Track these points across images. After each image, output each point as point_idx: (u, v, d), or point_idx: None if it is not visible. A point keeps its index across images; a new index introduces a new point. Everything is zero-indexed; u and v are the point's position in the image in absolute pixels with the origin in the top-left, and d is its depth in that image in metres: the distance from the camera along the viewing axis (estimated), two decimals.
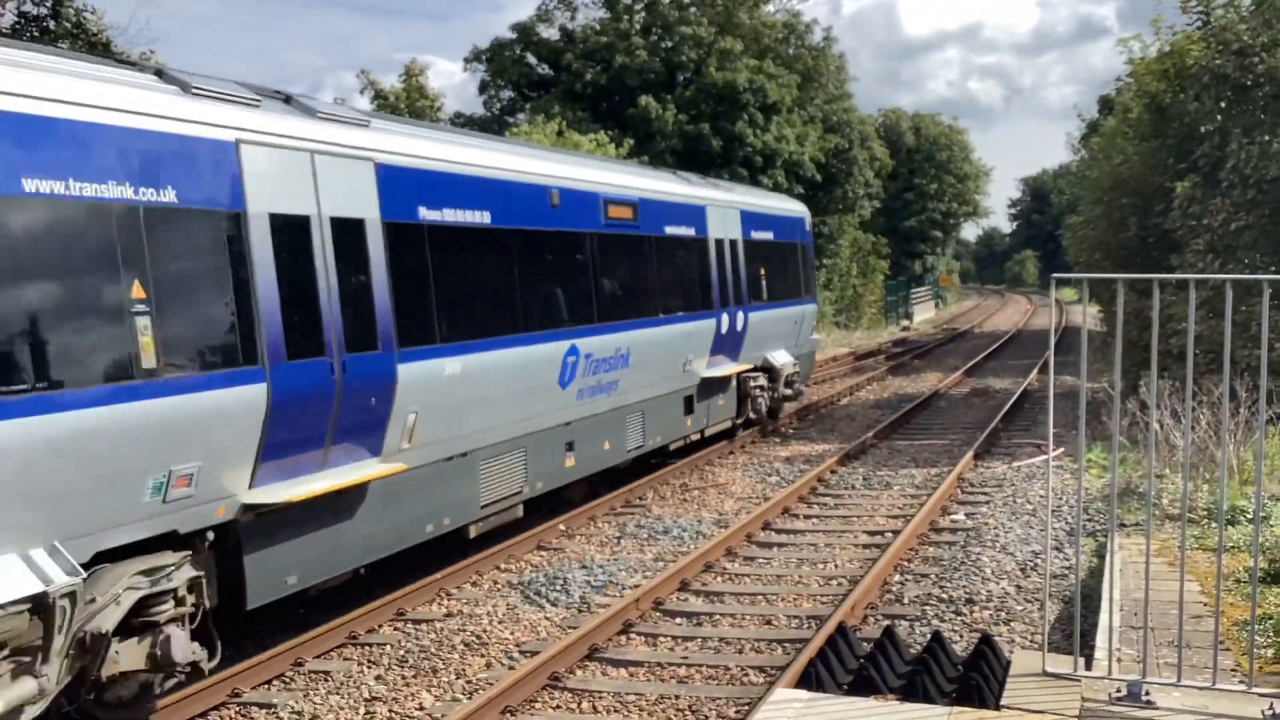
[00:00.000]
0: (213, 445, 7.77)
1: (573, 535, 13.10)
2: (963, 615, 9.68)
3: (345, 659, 9.15)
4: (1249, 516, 11.23)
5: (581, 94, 40.12)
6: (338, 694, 8.37)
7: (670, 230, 15.92)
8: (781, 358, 19.96)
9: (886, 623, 9.18)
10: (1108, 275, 7.74)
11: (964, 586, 10.44)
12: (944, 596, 10.19)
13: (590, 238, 13.59)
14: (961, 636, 9.09)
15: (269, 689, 8.53)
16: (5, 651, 6.31)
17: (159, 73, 8.38)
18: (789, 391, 20.47)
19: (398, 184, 9.94)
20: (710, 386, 17.10)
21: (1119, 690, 6.60)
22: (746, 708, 7.63)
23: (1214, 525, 11.02)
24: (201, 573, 7.77)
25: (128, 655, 7.19)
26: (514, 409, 11.70)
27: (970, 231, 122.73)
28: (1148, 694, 6.53)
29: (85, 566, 6.76)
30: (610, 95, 40.31)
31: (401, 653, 9.22)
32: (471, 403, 10.88)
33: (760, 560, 11.88)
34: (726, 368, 17.57)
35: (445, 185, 10.68)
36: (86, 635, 6.81)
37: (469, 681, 8.56)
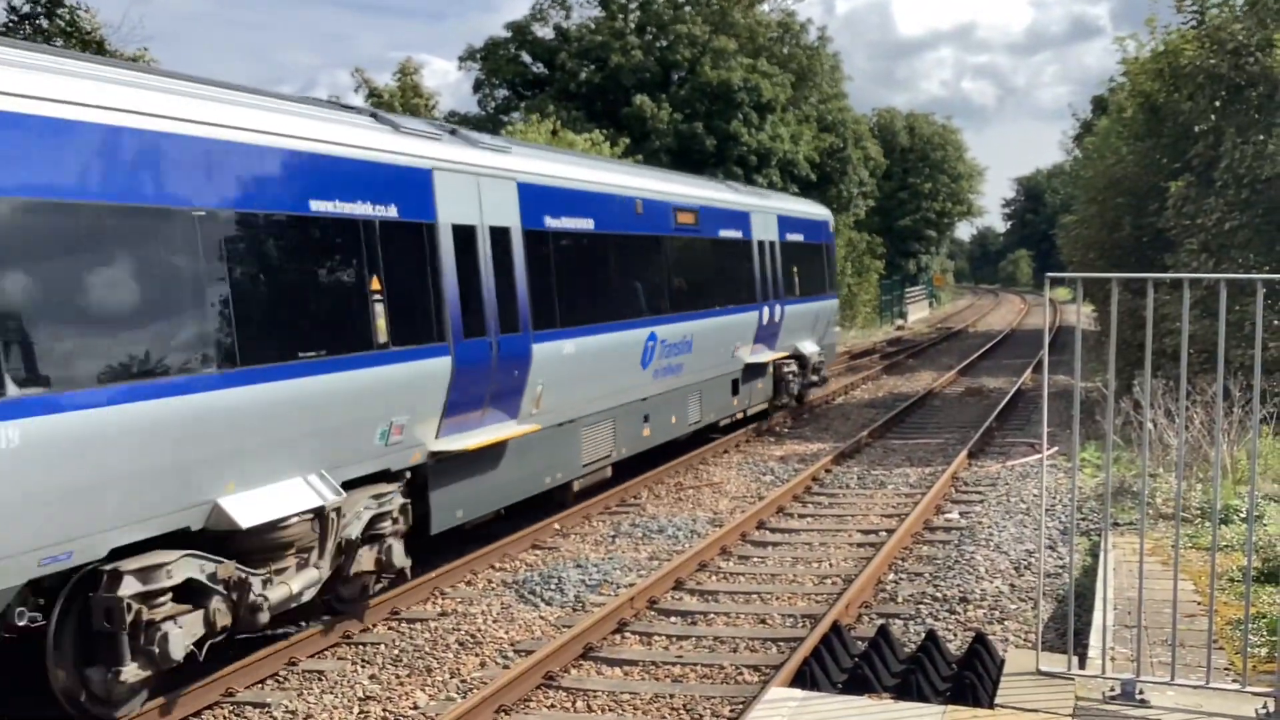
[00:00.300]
0: (416, 403, 10.09)
1: (567, 534, 13.09)
2: (957, 614, 9.69)
3: (339, 658, 9.14)
4: (1242, 516, 11.26)
5: (576, 93, 40.13)
6: (332, 693, 8.35)
7: (723, 233, 18.22)
8: (810, 347, 22.29)
9: (881, 621, 9.18)
10: (1102, 275, 7.75)
11: (958, 585, 10.45)
12: (938, 595, 10.20)
13: (665, 240, 16.03)
14: (956, 635, 9.10)
15: (263, 688, 8.51)
16: (294, 549, 8.53)
17: (374, 115, 10.79)
18: (815, 378, 22.79)
19: (531, 198, 12.29)
20: (752, 371, 19.34)
21: (1113, 689, 6.61)
22: (741, 706, 7.63)
23: (1208, 524, 11.04)
24: (408, 500, 10.09)
25: (365, 558, 9.49)
26: (608, 385, 14.00)
27: (964, 231, 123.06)
28: (1141, 693, 6.53)
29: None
30: (605, 94, 40.30)
31: (396, 652, 9.21)
32: (579, 378, 13.14)
33: (755, 559, 11.89)
34: (766, 355, 19.84)
35: (563, 198, 13.06)
36: (342, 541, 9.09)
37: (463, 681, 8.55)
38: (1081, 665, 7.09)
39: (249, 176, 8.37)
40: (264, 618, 8.17)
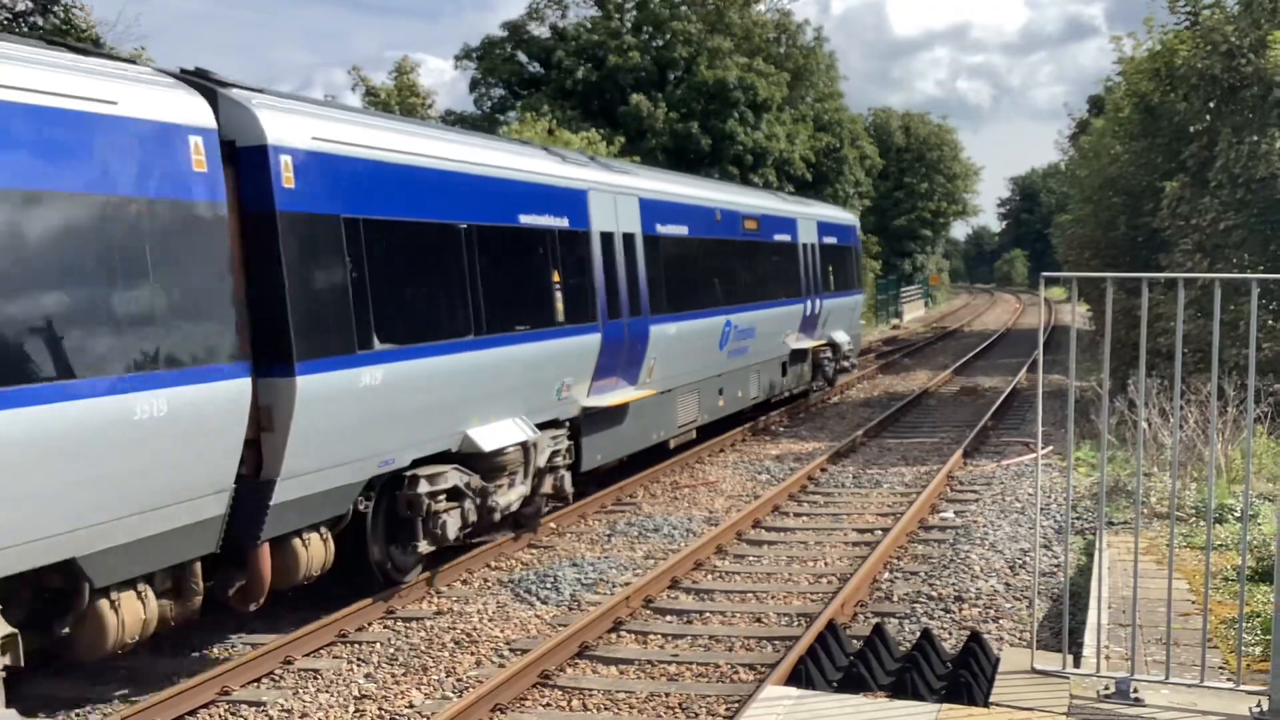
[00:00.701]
0: (578, 368, 13.14)
1: (563, 533, 13.09)
2: (952, 613, 9.70)
3: (335, 657, 9.14)
4: (1237, 515, 11.28)
5: (572, 92, 40.07)
6: (327, 692, 8.35)
7: (776, 237, 21.28)
8: (842, 336, 25.31)
9: (876, 620, 9.20)
10: (1096, 274, 7.77)
11: (953, 584, 10.47)
12: (933, 594, 10.21)
13: (736, 243, 19.17)
14: (951, 634, 9.11)
15: (258, 687, 8.50)
16: (508, 470, 11.43)
17: (545, 149, 14.41)
18: (846, 364, 25.73)
19: (648, 209, 15.41)
20: (796, 356, 22.44)
21: (1107, 687, 6.63)
22: (736, 705, 7.63)
23: (1202, 524, 11.07)
24: (571, 442, 13.04)
25: (547, 483, 12.40)
26: (697, 361, 17.03)
27: (960, 230, 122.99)
28: (1136, 691, 6.55)
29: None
30: (601, 93, 40.27)
31: (391, 651, 9.21)
32: (678, 355, 16.14)
33: (750, 558, 11.90)
34: (807, 342, 22.89)
35: (668, 209, 16.18)
36: (534, 468, 11.92)
37: (459, 679, 8.55)
38: (1076, 664, 7.10)
39: (488, 200, 11.46)
40: (495, 517, 11.25)
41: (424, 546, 10.28)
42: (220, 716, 8.02)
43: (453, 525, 10.48)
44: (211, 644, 9.48)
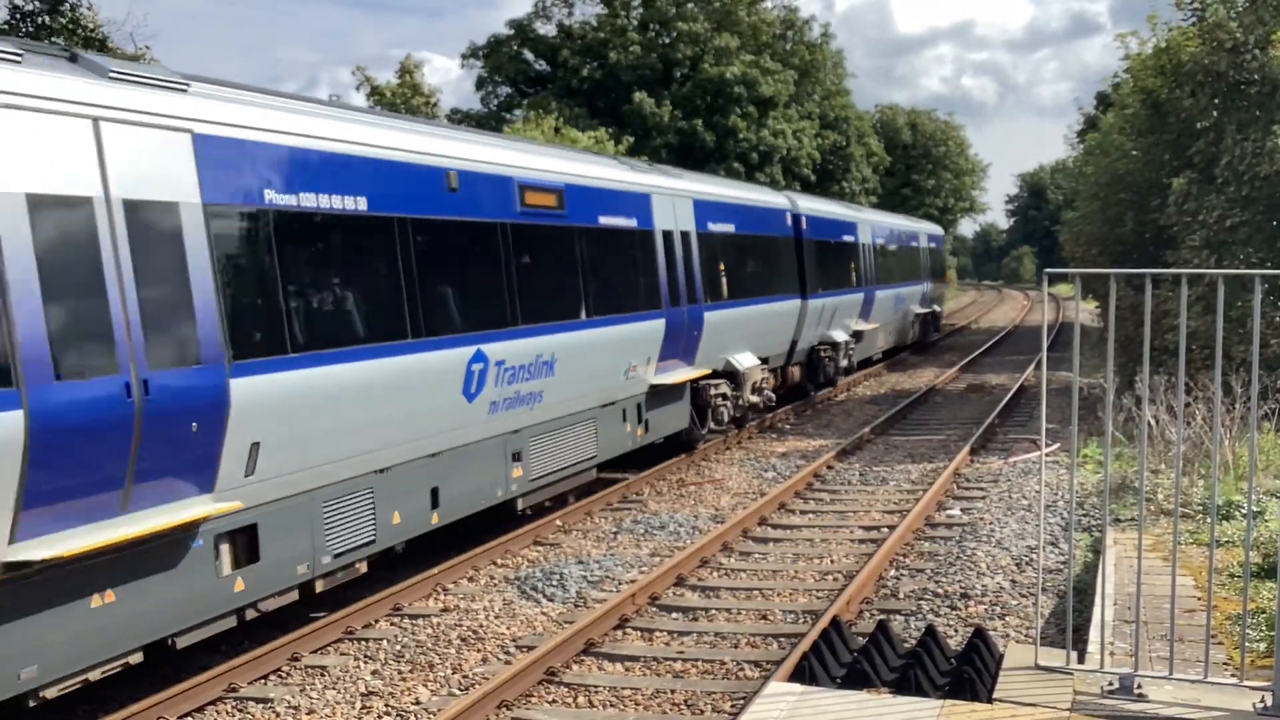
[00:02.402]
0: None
1: (569, 530, 13.12)
2: (957, 610, 9.71)
3: (342, 654, 9.17)
4: (1242, 511, 11.26)
5: (578, 90, 40.12)
6: (334, 689, 8.39)
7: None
8: (922, 308, 35.96)
9: (881, 617, 9.21)
10: (1101, 270, 7.77)
11: (959, 581, 10.47)
12: (939, 591, 10.22)
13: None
14: (956, 631, 9.12)
15: (265, 684, 8.54)
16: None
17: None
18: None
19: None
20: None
21: (1111, 683, 6.63)
22: (741, 702, 7.66)
23: (1207, 520, 11.05)
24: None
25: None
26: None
27: (967, 228, 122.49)
28: (1140, 687, 6.56)
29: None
30: (607, 91, 40.31)
31: (398, 648, 9.24)
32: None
33: (756, 555, 11.91)
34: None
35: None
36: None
37: (465, 676, 8.58)
38: (1080, 660, 7.11)
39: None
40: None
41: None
42: (227, 713, 8.06)
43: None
44: (218, 641, 9.51)
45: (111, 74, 7.60)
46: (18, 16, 20.98)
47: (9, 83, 6.71)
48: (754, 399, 18.97)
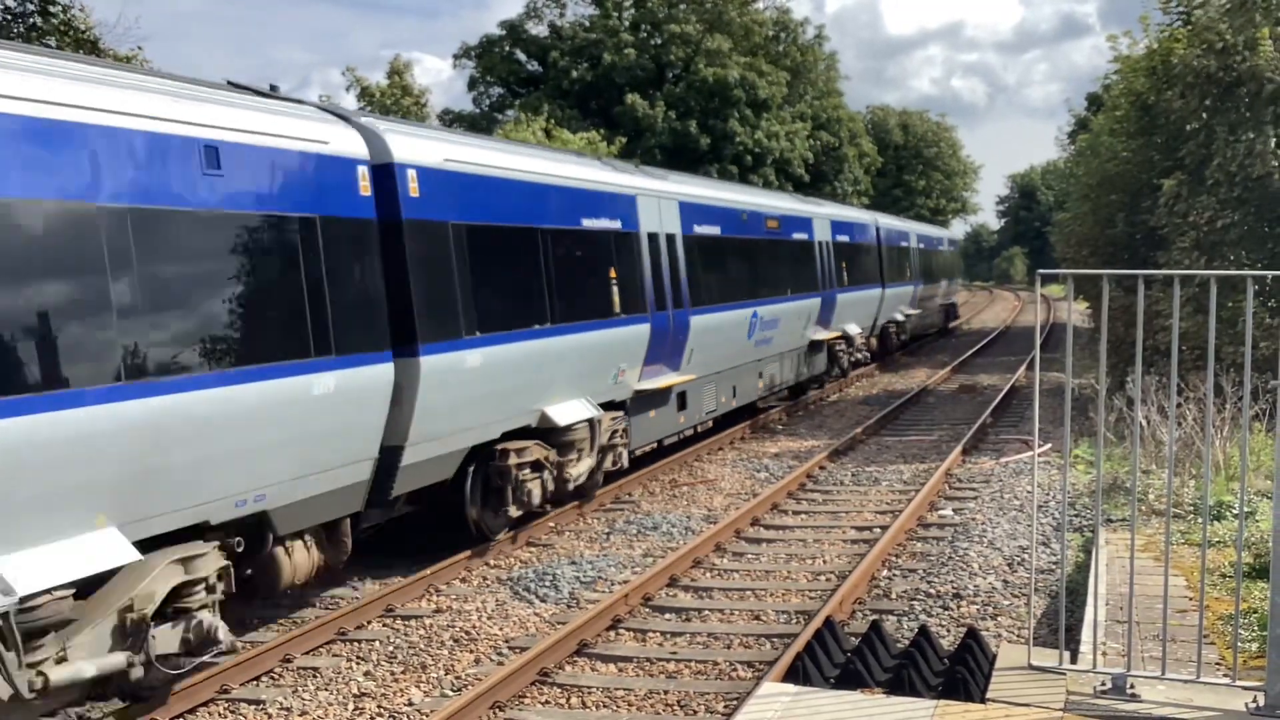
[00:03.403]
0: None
1: (562, 531, 13.11)
2: (950, 610, 9.72)
3: (334, 655, 9.16)
4: (1234, 511, 11.30)
5: (570, 91, 40.11)
6: (326, 690, 8.37)
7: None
8: (945, 300, 43.48)
9: (874, 618, 9.22)
10: (1093, 271, 7.78)
11: (951, 581, 10.48)
12: (931, 591, 10.23)
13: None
14: (949, 631, 9.13)
15: (258, 685, 8.52)
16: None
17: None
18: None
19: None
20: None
21: (1103, 683, 6.64)
22: (734, 702, 7.66)
23: (1199, 520, 11.08)
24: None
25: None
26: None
27: (958, 228, 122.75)
28: (1132, 687, 6.57)
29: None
30: (599, 92, 40.32)
31: (390, 649, 9.23)
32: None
33: (749, 556, 11.92)
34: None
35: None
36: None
37: (458, 677, 8.57)
38: (1073, 660, 7.12)
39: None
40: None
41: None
42: (219, 714, 8.04)
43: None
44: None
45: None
46: (9, 18, 20.89)
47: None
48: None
